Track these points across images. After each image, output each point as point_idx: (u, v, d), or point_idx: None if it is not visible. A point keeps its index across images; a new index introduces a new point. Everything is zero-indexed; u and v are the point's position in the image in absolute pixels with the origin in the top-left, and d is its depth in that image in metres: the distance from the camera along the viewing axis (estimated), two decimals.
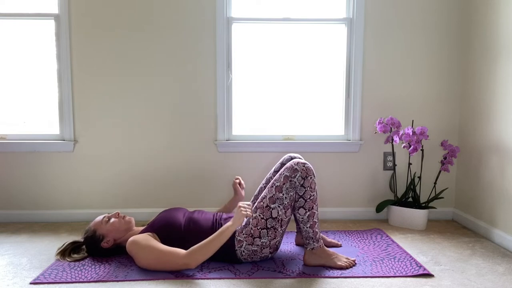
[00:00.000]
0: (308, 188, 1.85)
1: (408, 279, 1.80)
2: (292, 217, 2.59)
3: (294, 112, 2.76)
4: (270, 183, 1.92)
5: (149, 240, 1.86)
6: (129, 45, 2.62)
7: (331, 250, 1.98)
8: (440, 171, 2.59)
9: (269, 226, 1.88)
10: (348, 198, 2.77)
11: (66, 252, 2.02)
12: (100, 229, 1.97)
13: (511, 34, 2.18)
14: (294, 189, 1.86)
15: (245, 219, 1.94)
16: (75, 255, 2.02)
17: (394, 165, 2.67)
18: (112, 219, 1.99)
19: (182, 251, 1.82)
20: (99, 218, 2.01)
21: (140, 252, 1.83)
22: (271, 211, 1.87)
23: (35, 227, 2.55)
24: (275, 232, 1.89)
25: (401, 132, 2.48)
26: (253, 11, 2.68)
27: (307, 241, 1.90)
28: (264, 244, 1.90)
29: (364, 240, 2.29)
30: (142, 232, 1.94)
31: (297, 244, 2.23)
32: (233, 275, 1.81)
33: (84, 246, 2.05)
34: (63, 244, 2.06)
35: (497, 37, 2.30)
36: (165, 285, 1.72)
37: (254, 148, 2.69)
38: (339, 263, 1.90)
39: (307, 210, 1.86)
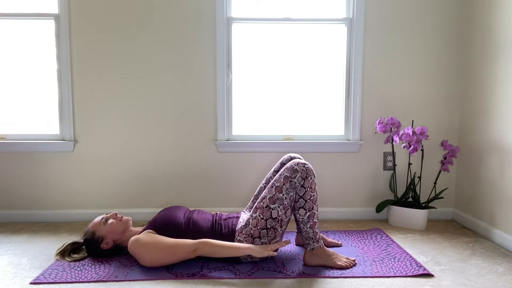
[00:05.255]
0: (308, 188, 1.85)
1: (408, 279, 1.80)
2: (292, 217, 2.59)
3: (294, 112, 2.75)
4: (270, 183, 1.92)
5: (152, 236, 1.86)
6: (129, 45, 2.62)
7: (331, 250, 1.98)
8: (440, 171, 2.59)
9: (269, 226, 1.88)
10: (348, 198, 2.77)
11: (66, 252, 2.02)
12: (98, 230, 1.98)
13: (510, 34, 2.18)
14: (294, 189, 1.86)
15: (247, 221, 1.95)
16: (75, 255, 2.02)
17: (394, 165, 2.67)
18: (110, 220, 1.99)
19: (190, 240, 1.87)
20: (97, 219, 2.01)
21: (145, 249, 1.83)
22: (271, 212, 1.87)
23: (35, 227, 2.55)
24: (275, 232, 1.89)
25: (401, 132, 2.48)
26: (253, 11, 2.68)
27: (307, 241, 1.90)
28: (264, 244, 1.90)
29: (364, 240, 2.29)
30: (144, 230, 1.94)
31: (297, 244, 2.23)
32: (233, 275, 1.81)
33: (84, 247, 2.05)
34: (63, 245, 2.06)
35: (496, 36, 2.30)
36: (165, 285, 1.72)
37: (254, 148, 2.69)
38: (339, 263, 1.90)
39: (307, 211, 1.86)
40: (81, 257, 2.00)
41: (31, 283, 1.75)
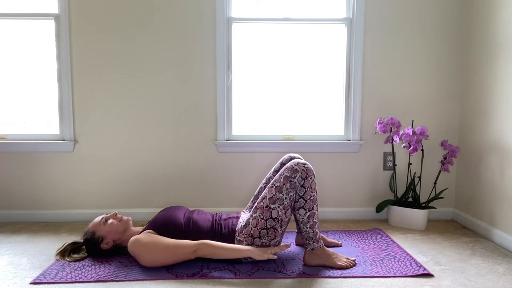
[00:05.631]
0: (308, 188, 1.85)
1: (408, 279, 1.80)
2: (292, 217, 2.60)
3: (294, 112, 2.75)
4: (270, 183, 1.92)
5: (152, 236, 1.86)
6: (129, 45, 2.62)
7: (331, 250, 1.98)
8: (440, 171, 2.59)
9: (269, 226, 1.88)
10: (348, 198, 2.77)
11: (66, 252, 2.02)
12: (98, 230, 1.98)
13: (510, 34, 2.18)
14: (294, 189, 1.86)
15: (247, 221, 1.95)
16: (75, 255, 2.02)
17: (394, 165, 2.66)
18: (110, 220, 1.99)
19: (190, 241, 1.87)
20: (97, 219, 2.01)
21: (144, 249, 1.83)
22: (271, 212, 1.87)
23: (35, 227, 2.55)
24: (275, 232, 1.89)
25: (401, 132, 2.48)
26: (253, 11, 2.68)
27: (307, 241, 1.90)
28: (263, 244, 1.90)
29: (364, 240, 2.29)
30: (144, 230, 1.94)
31: (297, 244, 2.23)
32: (233, 275, 1.81)
33: (84, 247, 2.05)
34: (63, 245, 2.05)
35: (496, 36, 2.30)
36: (165, 285, 1.72)
37: (254, 148, 2.69)
38: (339, 263, 1.90)
39: (307, 211, 1.86)
40: (81, 257, 2.00)
41: (31, 283, 1.75)
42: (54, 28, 2.60)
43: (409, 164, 2.64)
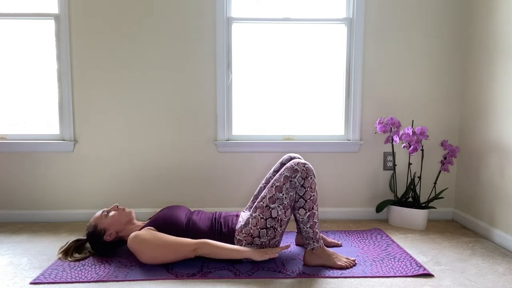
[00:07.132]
0: (308, 188, 1.85)
1: (408, 279, 1.80)
2: (292, 217, 2.60)
3: (294, 112, 2.75)
4: (270, 183, 1.92)
5: (152, 233, 1.87)
6: (129, 45, 2.62)
7: (331, 250, 1.98)
8: (440, 171, 2.59)
9: (268, 226, 1.88)
10: (348, 198, 2.77)
11: (69, 250, 2.01)
12: (100, 223, 1.98)
13: (510, 34, 2.18)
14: (294, 189, 1.86)
15: (247, 221, 1.95)
16: (77, 255, 2.02)
17: (394, 165, 2.66)
18: (112, 212, 2.00)
19: (190, 239, 1.88)
20: (98, 213, 2.02)
21: (144, 246, 1.83)
22: (270, 211, 1.87)
23: (35, 227, 2.55)
24: (275, 232, 1.90)
25: (401, 132, 2.48)
26: (253, 11, 2.68)
27: (307, 241, 1.90)
28: (263, 243, 1.90)
29: (364, 240, 2.29)
30: (144, 227, 1.95)
31: (297, 244, 2.23)
32: (233, 275, 1.81)
33: (87, 244, 2.06)
34: (67, 243, 2.05)
35: (497, 37, 2.30)
36: (165, 285, 1.72)
37: (254, 148, 2.69)
38: (339, 263, 1.90)
39: (307, 211, 1.86)
40: (83, 257, 2.00)
41: (31, 283, 1.75)
42: (54, 28, 2.60)
43: (409, 164, 2.64)
